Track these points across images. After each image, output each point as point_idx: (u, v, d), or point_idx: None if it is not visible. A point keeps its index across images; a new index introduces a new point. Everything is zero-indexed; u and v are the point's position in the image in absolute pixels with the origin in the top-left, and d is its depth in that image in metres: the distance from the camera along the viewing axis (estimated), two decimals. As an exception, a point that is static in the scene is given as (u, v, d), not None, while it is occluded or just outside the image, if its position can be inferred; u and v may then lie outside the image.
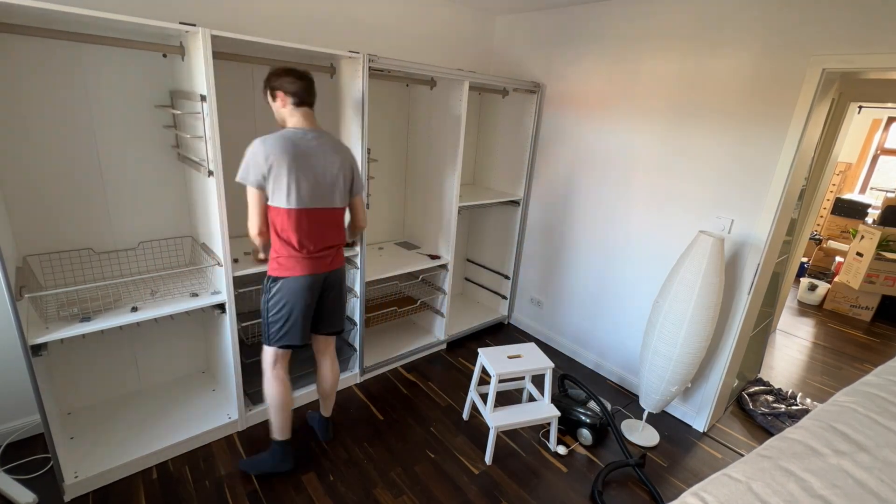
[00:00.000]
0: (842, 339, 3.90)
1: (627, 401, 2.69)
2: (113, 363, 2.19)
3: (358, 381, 2.63)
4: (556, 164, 3.01)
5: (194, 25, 1.58)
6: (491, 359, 2.17)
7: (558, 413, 2.19)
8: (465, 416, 2.39)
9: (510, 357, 2.19)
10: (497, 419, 2.09)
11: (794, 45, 1.94)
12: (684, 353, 2.12)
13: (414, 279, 2.97)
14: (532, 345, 2.33)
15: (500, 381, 2.18)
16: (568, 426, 2.37)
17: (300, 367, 2.47)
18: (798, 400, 2.74)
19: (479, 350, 2.23)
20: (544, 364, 2.18)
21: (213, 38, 1.61)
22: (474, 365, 2.93)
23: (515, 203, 3.21)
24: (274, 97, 1.68)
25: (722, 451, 2.36)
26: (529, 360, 2.20)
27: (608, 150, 2.69)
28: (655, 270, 2.57)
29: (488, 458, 2.12)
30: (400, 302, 2.97)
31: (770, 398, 2.75)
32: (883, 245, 4.23)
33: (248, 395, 2.24)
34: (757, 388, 2.83)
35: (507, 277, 3.42)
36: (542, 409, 2.18)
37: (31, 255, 1.83)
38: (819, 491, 0.95)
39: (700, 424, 2.48)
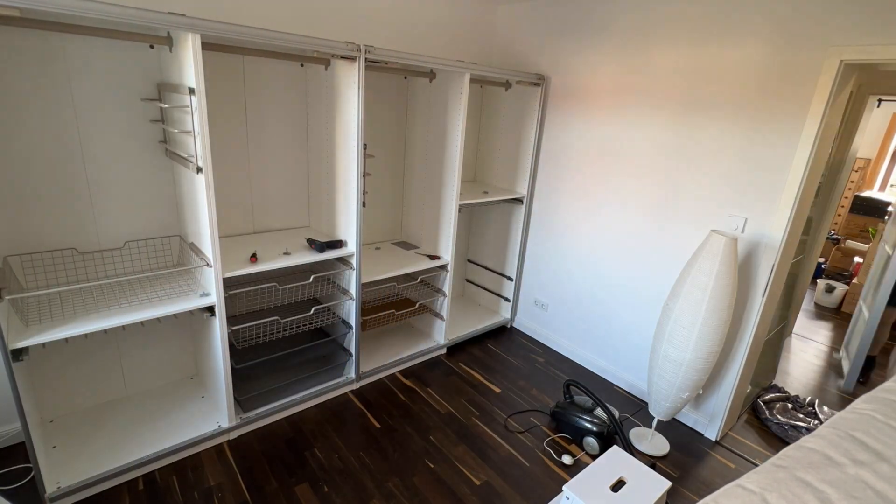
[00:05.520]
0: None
1: (636, 408, 2.69)
2: (97, 368, 2.19)
3: (354, 388, 2.63)
4: (561, 160, 3.00)
5: (183, 15, 1.58)
6: (590, 500, 1.57)
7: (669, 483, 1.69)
8: None
9: (613, 488, 1.60)
10: None
11: (810, 35, 1.94)
12: (696, 357, 2.12)
13: (412, 280, 2.97)
14: (615, 450, 1.78)
15: None
16: (573, 434, 2.37)
17: (306, 367, 2.47)
18: (815, 407, 2.73)
19: (565, 488, 1.61)
20: (661, 486, 1.64)
21: (202, 27, 1.60)
22: (475, 370, 2.93)
23: (519, 201, 3.21)
24: None
25: (735, 460, 2.35)
26: (637, 484, 1.62)
27: (616, 145, 2.69)
28: (666, 271, 2.57)
29: None
30: (398, 304, 2.97)
31: (789, 405, 2.74)
32: (904, 245, 4.22)
33: (239, 402, 2.24)
34: (772, 395, 2.82)
35: (509, 279, 3.42)
36: None
37: (11, 256, 1.83)
38: (837, 503, 0.94)
39: (712, 433, 2.48)
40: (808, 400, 2.82)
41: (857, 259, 5.07)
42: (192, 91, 1.67)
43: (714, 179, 2.31)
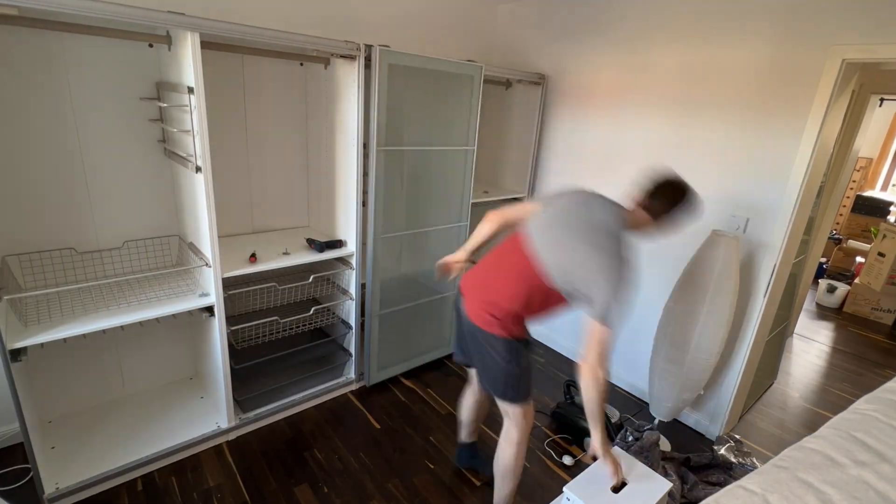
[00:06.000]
0: (863, 343, 3.90)
1: (637, 409, 2.69)
2: (96, 369, 2.19)
3: (353, 389, 2.63)
4: (561, 160, 3.00)
5: (182, 14, 1.58)
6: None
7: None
8: None
9: (615, 490, 1.54)
10: None
11: (812, 33, 1.94)
12: (697, 358, 2.12)
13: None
14: (616, 450, 1.67)
15: None
16: (574, 435, 2.37)
17: (306, 367, 2.47)
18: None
19: (565, 489, 1.53)
20: (662, 487, 1.58)
21: (201, 26, 1.61)
22: (476, 371, 2.93)
23: (518, 201, 3.21)
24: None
25: (736, 461, 2.35)
26: (639, 487, 1.57)
27: (617, 144, 2.69)
28: (667, 271, 2.57)
29: None
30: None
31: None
32: (906, 245, 4.22)
33: (238, 402, 2.24)
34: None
35: (510, 279, 3.41)
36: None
37: (9, 256, 1.83)
38: (839, 504, 0.94)
39: (714, 433, 2.48)
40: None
41: (859, 259, 5.07)
42: (191, 90, 1.67)
43: (715, 179, 2.31)
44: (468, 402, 2.02)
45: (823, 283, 4.65)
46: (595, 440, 1.54)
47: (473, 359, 1.74)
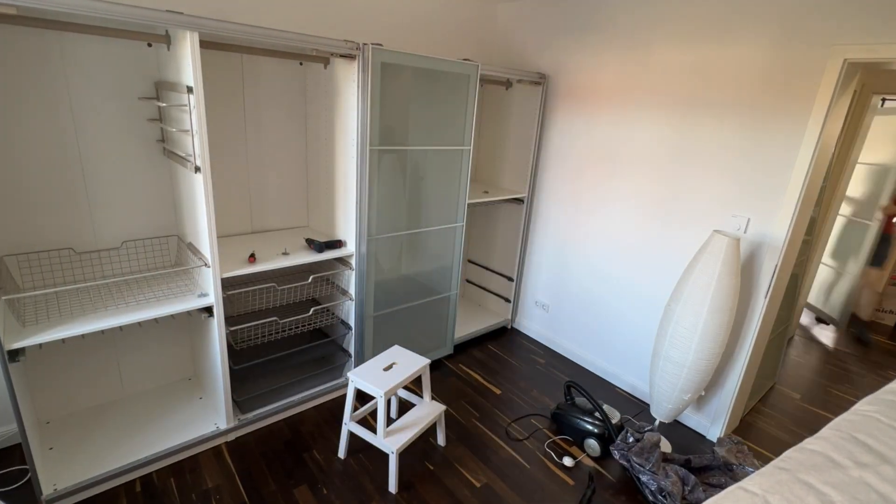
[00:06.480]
0: (864, 344, 3.90)
1: (638, 409, 2.69)
2: (94, 369, 2.19)
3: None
4: (562, 160, 3.01)
5: (181, 13, 1.58)
6: (366, 378, 2.02)
7: (444, 407, 2.22)
8: (343, 453, 2.16)
9: (385, 369, 2.08)
10: (397, 441, 1.99)
11: (813, 33, 1.94)
12: (698, 359, 2.12)
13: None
14: (395, 347, 2.27)
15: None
16: (574, 436, 2.37)
17: (305, 368, 2.48)
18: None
19: (349, 374, 2.05)
20: (421, 362, 2.16)
21: (201, 25, 1.61)
22: (475, 372, 2.93)
23: (519, 201, 3.22)
24: None
25: (737, 462, 2.35)
26: (405, 364, 2.13)
27: (618, 144, 2.69)
28: (667, 272, 2.57)
29: (392, 487, 2.00)
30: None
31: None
32: (908, 245, 4.21)
33: (237, 403, 2.24)
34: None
35: (510, 279, 3.42)
36: (428, 409, 2.20)
37: (7, 256, 1.83)
38: (840, 505, 0.94)
39: (715, 434, 2.48)
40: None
41: (861, 260, 5.06)
42: (190, 90, 1.67)
43: (717, 179, 2.31)
44: None
45: (825, 283, 4.64)
46: None
47: None
